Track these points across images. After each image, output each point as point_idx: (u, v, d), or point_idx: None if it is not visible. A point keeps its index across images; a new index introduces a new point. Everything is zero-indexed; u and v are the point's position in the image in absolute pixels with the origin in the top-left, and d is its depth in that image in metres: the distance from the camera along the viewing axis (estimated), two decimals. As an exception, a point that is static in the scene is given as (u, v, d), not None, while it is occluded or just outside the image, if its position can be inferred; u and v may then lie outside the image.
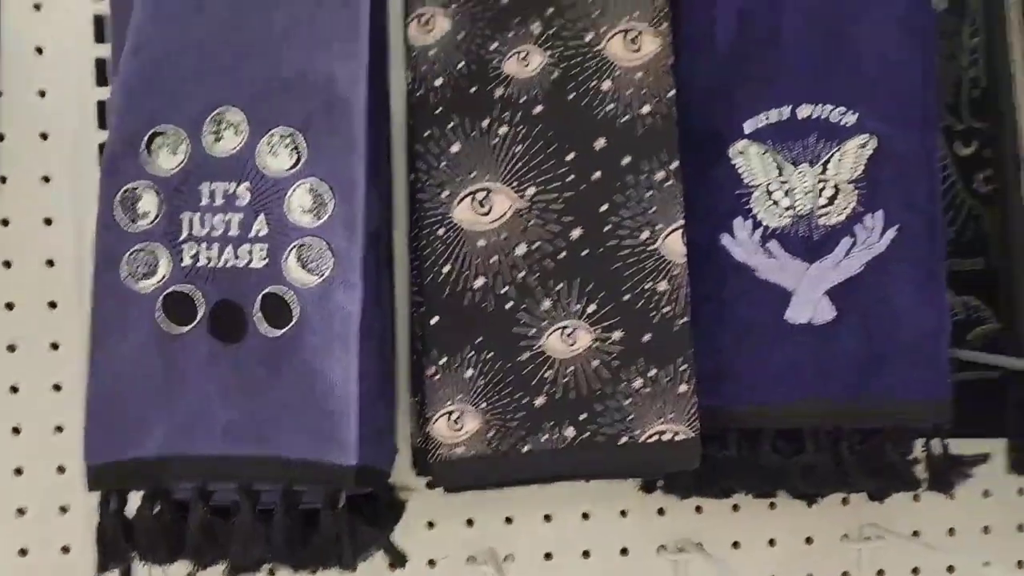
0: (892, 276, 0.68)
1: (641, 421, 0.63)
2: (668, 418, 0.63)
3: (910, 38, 0.69)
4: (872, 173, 0.69)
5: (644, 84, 0.64)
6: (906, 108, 0.69)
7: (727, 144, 0.70)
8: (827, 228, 0.69)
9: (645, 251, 0.63)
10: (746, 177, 0.70)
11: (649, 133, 0.64)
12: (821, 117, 0.70)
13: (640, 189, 0.63)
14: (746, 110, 0.70)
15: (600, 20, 0.64)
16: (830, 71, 0.69)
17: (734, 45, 0.70)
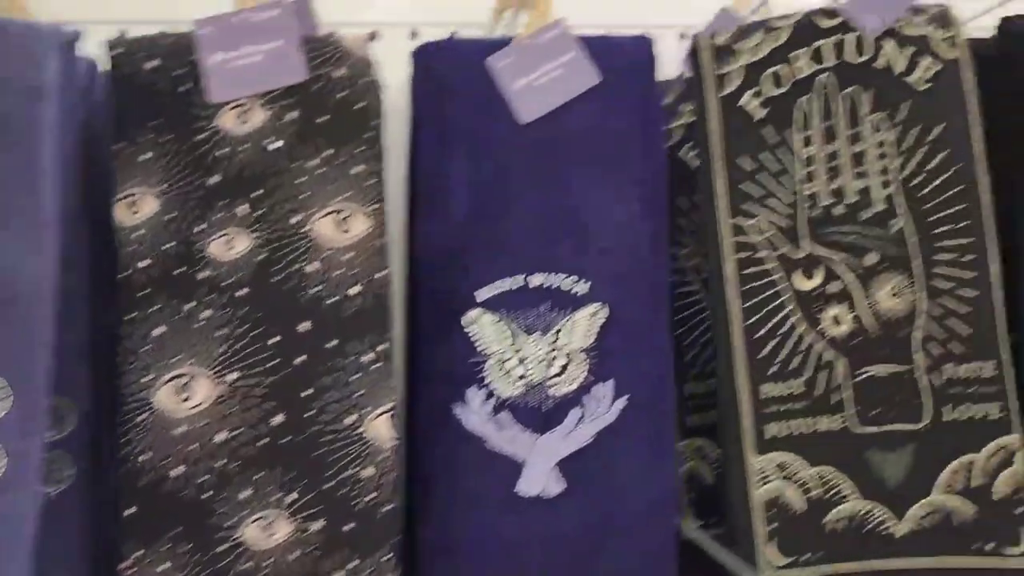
0: (620, 448, 0.68)
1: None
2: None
3: (640, 206, 0.69)
4: (603, 342, 0.69)
5: (354, 265, 0.63)
6: (636, 276, 0.69)
7: (461, 312, 0.70)
8: (558, 398, 0.69)
9: (350, 436, 0.62)
10: (480, 345, 0.70)
11: (358, 314, 0.63)
12: (554, 286, 0.69)
13: (347, 372, 0.62)
14: (480, 278, 0.70)
15: (309, 201, 0.63)
16: (562, 240, 0.69)
17: (468, 213, 0.70)
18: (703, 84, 0.65)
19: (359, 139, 0.64)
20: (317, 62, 0.64)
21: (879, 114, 0.63)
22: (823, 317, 0.64)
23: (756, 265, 0.65)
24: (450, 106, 0.70)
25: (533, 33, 0.70)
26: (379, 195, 0.64)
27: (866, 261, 0.64)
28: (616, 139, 0.70)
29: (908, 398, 0.63)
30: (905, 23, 0.63)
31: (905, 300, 0.63)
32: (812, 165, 0.64)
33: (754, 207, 0.65)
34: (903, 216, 0.63)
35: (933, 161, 0.63)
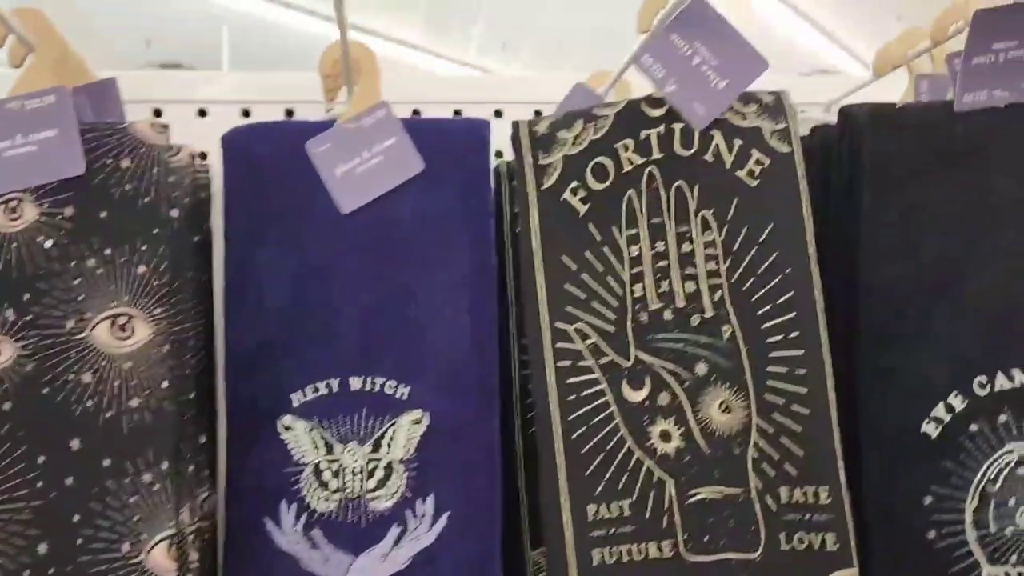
0: (439, 573, 0.62)
1: None
2: None
3: (467, 303, 0.64)
4: (424, 453, 0.63)
5: (134, 375, 0.58)
6: (461, 381, 0.64)
7: (274, 418, 0.64)
8: (376, 514, 0.63)
9: (126, 566, 0.56)
10: (295, 454, 0.64)
11: (136, 430, 0.57)
12: (374, 390, 0.64)
13: (122, 495, 0.57)
14: (294, 381, 0.64)
15: (85, 305, 0.58)
16: (383, 339, 0.64)
17: (282, 310, 0.65)
18: (523, 176, 0.60)
19: (143, 237, 0.59)
20: (98, 153, 0.59)
21: (707, 211, 0.58)
22: (652, 432, 0.59)
23: (580, 374, 0.59)
24: (264, 194, 0.65)
25: (355, 116, 0.65)
26: (165, 298, 0.59)
27: (696, 371, 0.58)
28: (441, 231, 0.65)
29: (742, 524, 0.57)
30: (735, 113, 0.59)
31: (737, 416, 0.58)
32: (639, 266, 0.59)
33: (578, 310, 0.59)
34: (733, 323, 0.58)
35: (763, 264, 0.58)
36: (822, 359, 0.57)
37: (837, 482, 0.56)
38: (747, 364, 0.58)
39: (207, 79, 0.72)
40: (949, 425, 0.55)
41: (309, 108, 0.73)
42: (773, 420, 0.57)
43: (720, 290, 0.58)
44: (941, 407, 0.55)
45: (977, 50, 0.54)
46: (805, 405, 0.56)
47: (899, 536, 0.55)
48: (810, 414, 0.56)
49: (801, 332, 0.57)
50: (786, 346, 0.57)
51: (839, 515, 0.56)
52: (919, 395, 0.55)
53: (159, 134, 0.60)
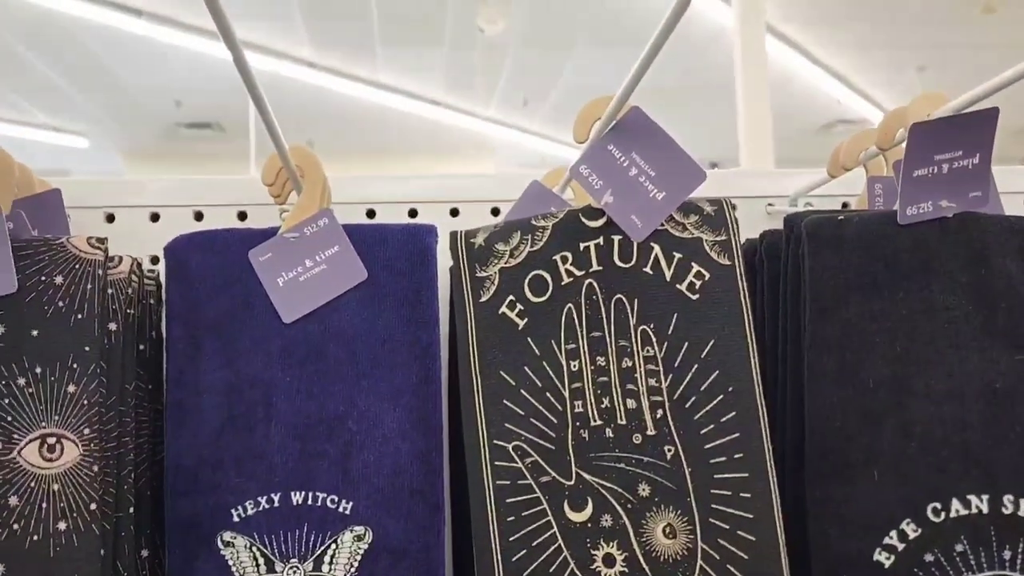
0: None
1: None
2: None
3: (410, 417, 0.63)
4: (367, 572, 0.61)
5: (62, 497, 0.56)
6: (404, 496, 0.62)
7: (215, 533, 0.63)
8: (316, 636, 0.61)
9: None
10: (236, 572, 0.62)
11: (63, 554, 0.56)
12: (314, 505, 0.62)
13: (48, 624, 0.55)
14: (234, 496, 0.63)
15: (13, 426, 0.57)
16: (325, 453, 0.63)
17: (222, 423, 0.63)
18: (461, 289, 0.59)
19: (75, 354, 0.58)
20: (32, 270, 0.59)
21: (648, 325, 0.57)
22: (596, 556, 0.56)
23: (520, 493, 0.57)
24: (204, 304, 0.65)
25: (298, 224, 0.65)
26: (95, 417, 0.58)
27: (639, 492, 0.56)
28: (383, 340, 0.64)
29: (688, 654, 0.54)
30: (675, 224, 0.57)
31: (681, 540, 0.55)
32: (579, 381, 0.58)
33: (517, 427, 0.58)
34: (676, 443, 0.56)
35: (705, 381, 0.56)
36: (768, 483, 0.54)
37: (787, 613, 0.53)
38: (691, 486, 0.55)
39: (159, 184, 0.72)
40: (902, 554, 0.52)
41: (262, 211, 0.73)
42: (719, 545, 0.55)
43: (661, 408, 0.57)
44: (894, 535, 0.53)
45: (917, 163, 0.53)
46: (751, 531, 0.54)
47: (852, 673, 0.52)
48: (756, 540, 0.54)
49: (745, 453, 0.55)
50: (730, 468, 0.55)
51: (788, 650, 0.53)
52: (870, 522, 0.53)
53: (95, 248, 0.60)
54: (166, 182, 0.72)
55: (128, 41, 4.27)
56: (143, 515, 0.64)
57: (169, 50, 4.37)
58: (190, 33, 4.20)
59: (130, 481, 0.62)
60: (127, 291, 0.63)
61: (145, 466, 0.65)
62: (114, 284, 0.62)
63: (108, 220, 0.73)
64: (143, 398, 0.65)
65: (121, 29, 4.15)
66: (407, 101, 5.20)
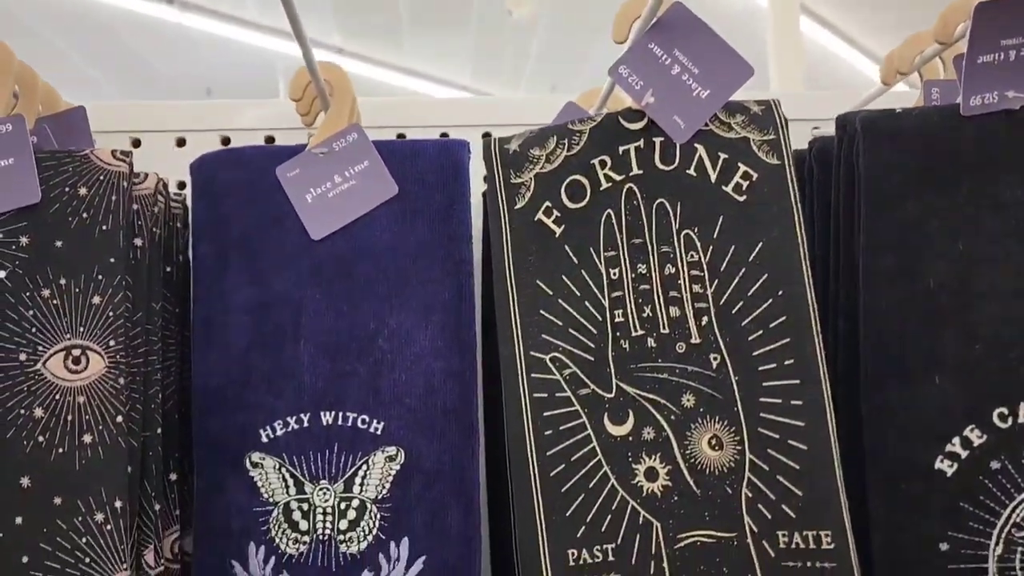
0: (413, 623, 0.58)
1: None
2: None
3: (444, 335, 0.61)
4: (399, 492, 0.59)
5: (87, 410, 0.55)
6: (438, 416, 0.60)
7: (243, 454, 0.61)
8: (348, 557, 0.59)
9: (76, 611, 0.53)
10: (264, 493, 0.61)
11: (89, 467, 0.55)
12: (344, 426, 0.60)
13: (74, 535, 0.54)
14: (263, 416, 0.61)
15: (39, 337, 0.56)
16: (355, 372, 0.61)
17: (251, 342, 0.62)
18: (495, 196, 0.56)
19: (100, 266, 0.57)
20: (56, 181, 0.57)
21: (691, 230, 0.54)
22: (637, 470, 0.54)
23: (558, 407, 0.55)
24: (232, 222, 0.63)
25: (326, 139, 0.63)
26: (121, 330, 0.56)
27: (683, 404, 0.54)
28: (416, 257, 0.61)
29: (737, 571, 0.52)
30: (719, 124, 0.54)
31: (728, 452, 0.53)
32: (619, 290, 0.55)
33: (554, 338, 0.55)
34: (722, 351, 0.53)
35: (753, 286, 0.53)
36: (820, 389, 0.51)
37: (841, 526, 0.50)
38: (738, 395, 0.53)
39: (186, 108, 0.71)
40: (966, 462, 0.49)
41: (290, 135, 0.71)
42: (768, 456, 0.52)
43: (707, 315, 0.54)
44: (957, 442, 0.50)
45: (982, 48, 0.49)
46: (803, 440, 0.51)
47: (913, 587, 0.49)
48: (808, 450, 0.51)
49: (796, 359, 0.52)
50: (780, 375, 0.52)
51: (844, 563, 0.50)
52: (931, 429, 0.50)
53: (120, 161, 0.59)
54: (192, 106, 0.71)
55: (159, 29, 4.31)
56: (171, 438, 0.63)
57: (200, 37, 4.40)
58: (221, 21, 4.21)
59: (157, 401, 0.60)
60: (152, 209, 0.61)
61: (173, 389, 0.64)
62: (140, 200, 0.60)
63: (134, 145, 0.72)
64: (170, 320, 0.64)
65: (152, 17, 4.18)
66: (435, 86, 5.19)
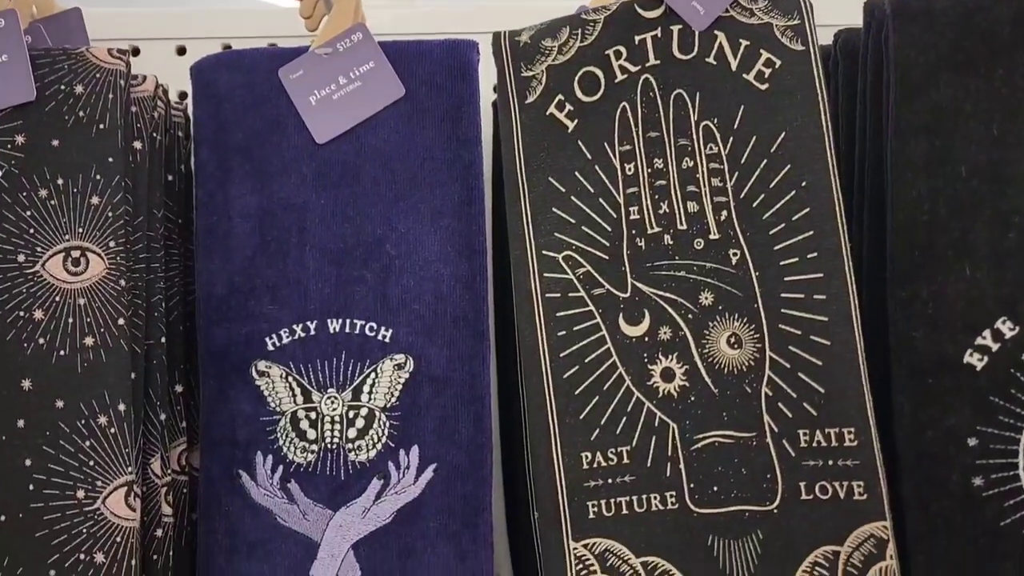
0: (425, 528, 0.57)
1: None
2: None
3: (453, 240, 0.59)
4: (409, 400, 0.58)
5: (88, 312, 0.54)
6: (448, 323, 0.58)
7: (249, 363, 0.60)
8: (357, 465, 0.58)
9: (81, 514, 0.53)
10: (271, 402, 0.60)
11: (91, 370, 0.53)
12: (352, 333, 0.59)
13: (77, 438, 0.53)
14: (269, 325, 0.60)
15: (36, 238, 0.54)
16: (363, 279, 0.59)
17: (255, 250, 0.60)
18: (505, 90, 0.54)
19: (98, 166, 0.55)
20: (51, 79, 0.55)
21: (711, 120, 0.52)
22: (652, 371, 0.52)
23: (571, 307, 0.53)
24: (233, 126, 0.61)
25: (330, 40, 0.61)
26: (121, 231, 0.55)
27: (701, 302, 0.52)
28: (423, 161, 0.59)
29: (756, 472, 0.50)
30: (740, 10, 0.52)
31: (748, 350, 0.51)
32: (635, 185, 0.53)
33: (567, 236, 0.54)
34: (742, 246, 0.51)
35: (775, 177, 0.51)
36: (845, 282, 0.49)
37: (865, 422, 0.48)
38: (758, 291, 0.51)
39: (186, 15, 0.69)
40: (997, 355, 0.47)
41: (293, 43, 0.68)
42: (789, 353, 0.50)
43: (726, 209, 0.52)
44: (987, 335, 0.48)
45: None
46: (826, 336, 0.49)
47: (938, 484, 0.47)
48: (832, 345, 0.49)
49: (820, 252, 0.50)
50: (803, 269, 0.50)
51: (867, 460, 0.48)
52: (960, 322, 0.48)
53: (116, 59, 0.56)
54: (193, 12, 0.69)
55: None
56: (176, 351, 0.61)
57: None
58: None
59: (161, 310, 0.59)
60: (152, 114, 0.60)
61: (177, 300, 0.62)
62: (138, 103, 0.58)
63: (133, 54, 0.69)
64: (172, 230, 0.62)
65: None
66: None
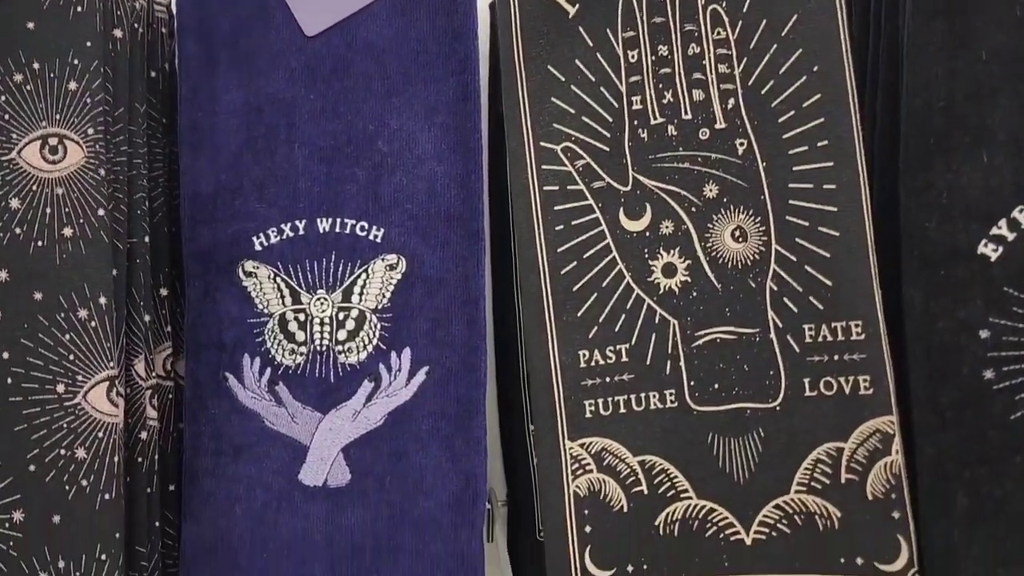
0: (417, 431, 0.55)
1: (47, 625, 0.50)
2: (80, 623, 0.50)
3: (447, 137, 0.56)
4: (401, 302, 0.56)
5: (67, 202, 0.52)
6: (441, 222, 0.56)
7: (235, 263, 0.58)
8: (347, 368, 0.57)
9: (61, 408, 0.51)
10: (258, 304, 0.58)
11: (70, 262, 0.51)
12: (343, 233, 0.57)
13: (56, 331, 0.51)
14: (256, 223, 0.58)
15: (12, 125, 0.52)
16: (353, 177, 0.57)
17: (241, 147, 0.58)
18: (504, -26, 0.51)
19: (75, 50, 0.52)
20: (24, -45, 0.53)
21: (719, 4, 0.49)
22: (654, 266, 0.50)
23: (570, 200, 0.51)
24: (218, 16, 0.58)
25: (320, -74, 0.58)
26: (100, 119, 0.52)
27: (705, 194, 0.50)
28: (417, 55, 0.57)
29: (758, 369, 0.49)
30: None
31: (753, 243, 0.49)
32: (637, 74, 0.51)
33: (567, 127, 0.51)
34: (749, 135, 0.49)
35: (786, 63, 0.48)
36: (856, 171, 0.47)
37: (873, 314, 0.47)
38: (765, 182, 0.49)
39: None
40: (1012, 245, 0.45)
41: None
42: (796, 246, 0.48)
43: (733, 96, 0.49)
44: (1003, 224, 0.46)
45: None
46: (835, 226, 0.47)
47: (948, 377, 0.46)
48: (841, 236, 0.47)
49: (831, 140, 0.48)
50: (812, 158, 0.48)
51: (875, 353, 0.47)
52: (976, 211, 0.46)
53: (94, -62, 0.54)
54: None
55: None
56: (160, 253, 0.59)
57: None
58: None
59: (144, 208, 0.56)
60: (133, 3, 0.57)
61: (161, 202, 0.60)
62: (118, -13, 0.55)
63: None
64: (156, 129, 0.60)
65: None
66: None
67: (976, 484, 0.45)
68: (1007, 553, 0.44)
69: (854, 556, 0.47)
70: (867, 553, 0.47)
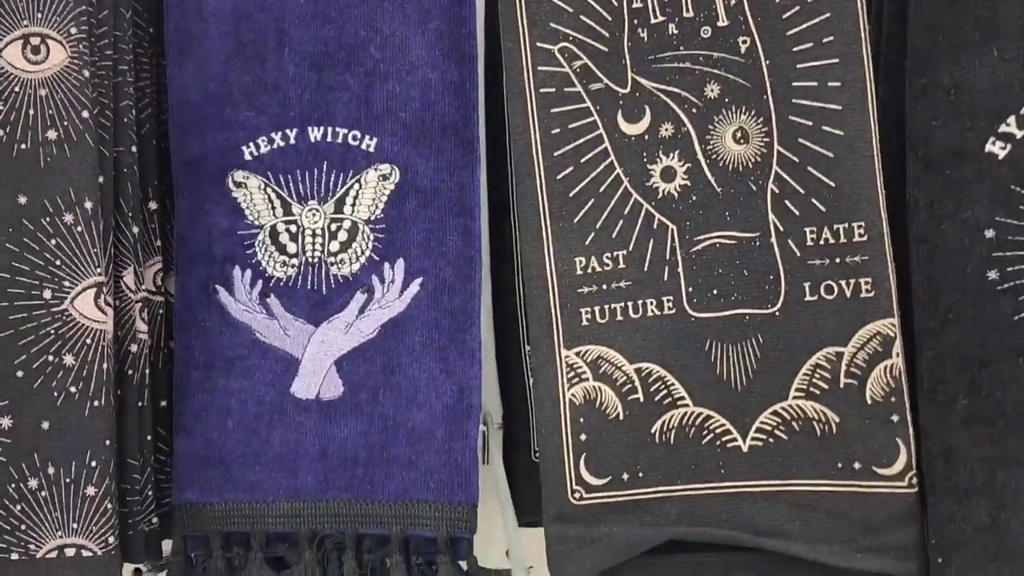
0: (410, 343, 0.54)
1: (38, 532, 0.50)
2: (71, 529, 0.50)
3: (442, 43, 0.55)
4: (394, 212, 0.55)
5: (50, 103, 0.50)
6: (435, 132, 0.55)
7: (225, 173, 0.57)
8: (340, 279, 0.56)
9: (48, 315, 0.50)
10: (248, 215, 0.57)
11: (55, 165, 0.50)
12: (334, 142, 0.56)
13: (42, 236, 0.50)
14: (245, 133, 0.56)
15: (-7, 23, 0.50)
16: (345, 84, 0.55)
17: (229, 53, 0.56)
18: None
19: (55, -57, 0.50)
20: None
21: None
22: (652, 170, 0.49)
23: (566, 103, 0.50)
24: (205, -84, 0.56)
25: None
26: (83, 17, 0.51)
27: (706, 94, 0.48)
28: (410, -46, 0.55)
29: (758, 274, 0.48)
30: None
31: (754, 145, 0.48)
32: (638, -31, 0.49)
33: (563, 27, 0.50)
34: (752, 32, 0.47)
35: (791, -47, 0.47)
36: (862, 68, 0.46)
37: (876, 216, 0.46)
38: (768, 80, 0.47)
39: None
40: (1021, 143, 0.44)
41: None
42: (799, 147, 0.47)
43: (737, -9, 0.48)
44: (1012, 121, 0.44)
45: None
46: (839, 125, 0.46)
47: (951, 277, 0.45)
48: (845, 136, 0.46)
49: (837, 36, 0.46)
50: (817, 55, 0.47)
51: (877, 255, 0.46)
52: (984, 108, 0.44)
53: None
54: None
55: None
56: (148, 165, 0.58)
57: None
58: None
59: (131, 116, 0.55)
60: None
61: (149, 113, 0.58)
62: None
63: None
64: (143, 38, 0.58)
65: None
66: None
67: (977, 386, 0.44)
68: (1007, 455, 0.43)
69: (851, 461, 0.46)
70: (865, 457, 0.46)
